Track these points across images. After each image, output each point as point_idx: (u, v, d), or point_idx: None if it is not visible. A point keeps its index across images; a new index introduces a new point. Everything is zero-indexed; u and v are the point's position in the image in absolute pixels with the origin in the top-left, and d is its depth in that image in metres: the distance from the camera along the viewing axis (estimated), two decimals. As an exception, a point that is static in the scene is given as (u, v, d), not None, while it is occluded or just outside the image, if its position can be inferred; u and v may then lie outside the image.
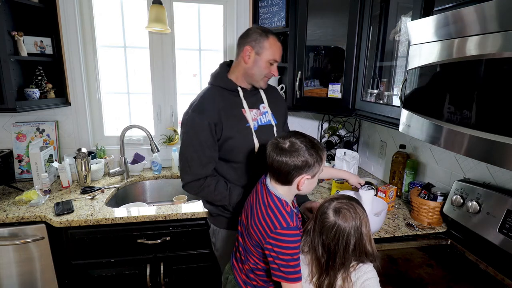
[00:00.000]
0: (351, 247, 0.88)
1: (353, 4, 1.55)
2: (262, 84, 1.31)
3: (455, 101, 0.91)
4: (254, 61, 1.26)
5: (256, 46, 1.24)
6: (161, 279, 1.55)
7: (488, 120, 0.80)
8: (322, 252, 0.92)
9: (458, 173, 1.42)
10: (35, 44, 1.77)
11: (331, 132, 2.16)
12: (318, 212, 0.94)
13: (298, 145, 0.93)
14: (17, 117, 1.92)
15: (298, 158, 0.91)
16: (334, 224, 0.89)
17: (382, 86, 1.57)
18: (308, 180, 0.95)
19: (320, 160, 0.95)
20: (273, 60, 1.26)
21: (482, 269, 1.12)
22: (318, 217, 0.94)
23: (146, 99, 2.17)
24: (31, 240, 1.44)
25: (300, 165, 0.92)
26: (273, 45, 1.25)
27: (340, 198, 0.94)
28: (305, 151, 0.92)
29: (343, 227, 0.88)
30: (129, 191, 1.97)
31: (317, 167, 0.95)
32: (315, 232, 0.94)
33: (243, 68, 1.28)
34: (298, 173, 0.93)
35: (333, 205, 0.92)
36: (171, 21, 2.02)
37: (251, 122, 1.28)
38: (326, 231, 0.90)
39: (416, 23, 1.08)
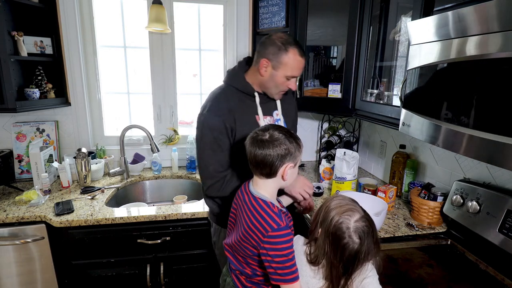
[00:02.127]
0: (372, 253, 0.87)
1: (353, 4, 1.55)
2: (277, 97, 1.27)
3: (455, 101, 0.91)
4: (270, 75, 1.19)
5: (274, 60, 1.16)
6: (161, 279, 1.55)
7: (488, 120, 0.80)
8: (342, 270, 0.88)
9: (458, 173, 1.42)
10: (35, 44, 1.77)
11: (331, 132, 2.16)
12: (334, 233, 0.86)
13: (277, 135, 0.95)
14: (17, 117, 1.92)
15: (280, 147, 0.94)
16: (360, 249, 0.84)
17: (382, 86, 1.57)
18: (291, 169, 0.97)
19: (299, 147, 0.98)
20: (291, 76, 1.19)
21: (482, 269, 1.12)
22: (337, 244, 0.86)
23: (146, 99, 2.17)
24: (31, 240, 1.44)
25: (283, 154, 0.94)
26: (292, 61, 1.16)
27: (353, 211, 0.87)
28: (285, 139, 0.95)
29: (368, 249, 0.85)
30: (129, 191, 1.97)
31: (298, 154, 0.98)
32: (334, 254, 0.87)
33: (259, 79, 1.23)
34: (282, 162, 0.95)
35: (352, 225, 0.85)
36: (171, 21, 2.02)
37: None
38: (349, 255, 0.85)
39: (416, 23, 1.08)
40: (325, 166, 1.87)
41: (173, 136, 2.20)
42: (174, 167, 2.10)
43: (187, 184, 2.08)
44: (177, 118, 2.22)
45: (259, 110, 1.25)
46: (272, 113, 1.32)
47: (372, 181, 1.86)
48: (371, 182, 1.78)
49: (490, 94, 0.79)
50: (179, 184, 2.08)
